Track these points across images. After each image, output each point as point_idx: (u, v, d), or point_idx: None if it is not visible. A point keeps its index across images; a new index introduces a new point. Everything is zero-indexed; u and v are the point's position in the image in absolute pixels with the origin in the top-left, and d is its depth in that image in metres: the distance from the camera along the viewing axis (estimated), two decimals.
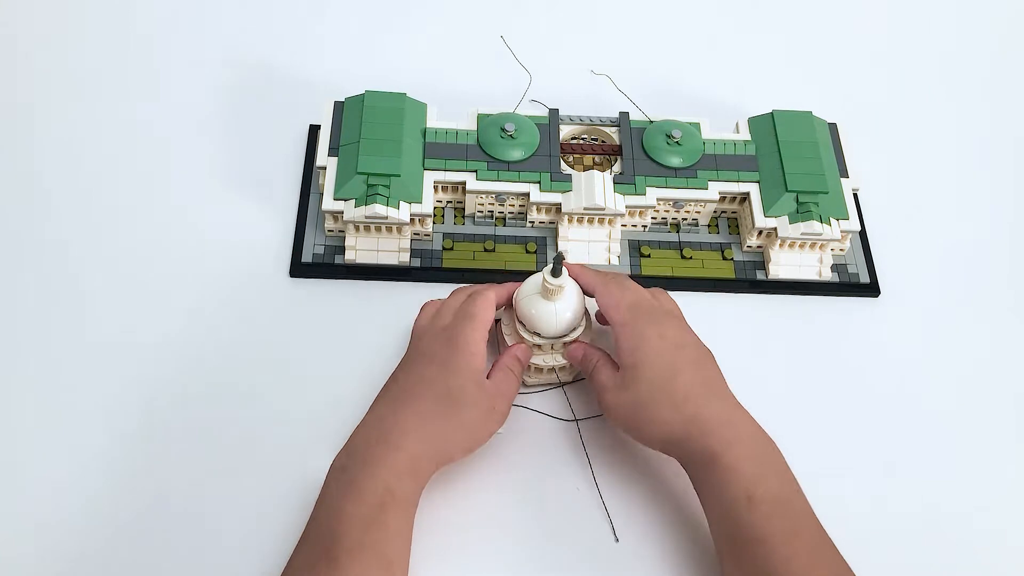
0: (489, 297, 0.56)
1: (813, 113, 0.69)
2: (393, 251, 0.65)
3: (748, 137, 0.69)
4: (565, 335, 0.57)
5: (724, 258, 0.68)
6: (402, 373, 0.54)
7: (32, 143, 0.71)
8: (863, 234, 0.70)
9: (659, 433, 0.52)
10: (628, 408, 0.53)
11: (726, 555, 0.49)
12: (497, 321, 0.61)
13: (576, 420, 0.59)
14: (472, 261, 0.66)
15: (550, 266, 0.54)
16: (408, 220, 0.63)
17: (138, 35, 0.79)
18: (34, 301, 0.63)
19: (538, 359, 0.58)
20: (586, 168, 0.67)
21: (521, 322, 0.57)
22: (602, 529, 0.55)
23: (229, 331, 0.62)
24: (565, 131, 0.69)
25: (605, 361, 0.56)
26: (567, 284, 0.55)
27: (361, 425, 0.52)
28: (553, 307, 0.55)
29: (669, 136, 0.67)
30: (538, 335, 0.57)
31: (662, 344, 0.53)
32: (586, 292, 0.58)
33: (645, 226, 0.68)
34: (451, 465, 0.54)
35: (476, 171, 0.65)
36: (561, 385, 0.61)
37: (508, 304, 0.59)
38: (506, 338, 0.59)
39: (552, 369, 0.59)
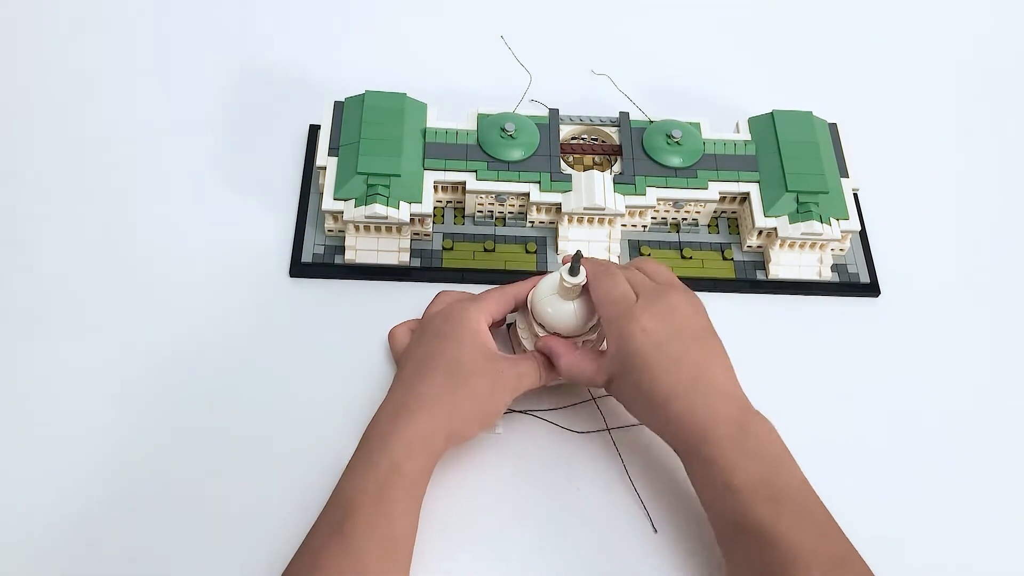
0: (500, 299, 0.57)
1: (813, 113, 0.69)
2: (393, 251, 0.65)
3: (748, 137, 0.69)
4: (585, 332, 0.57)
5: (724, 258, 0.68)
6: (414, 351, 0.56)
7: (32, 142, 0.71)
8: (863, 234, 0.70)
9: (650, 427, 0.54)
10: (625, 402, 0.55)
11: (720, 541, 0.51)
12: (510, 325, 0.61)
13: (607, 425, 0.60)
14: (472, 261, 0.66)
15: (567, 265, 0.54)
16: (408, 220, 0.63)
17: (138, 35, 0.79)
18: (33, 301, 0.63)
19: None
20: (586, 168, 0.67)
21: (540, 324, 0.57)
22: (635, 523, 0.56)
23: (229, 331, 0.62)
24: (565, 131, 0.69)
25: (567, 347, 0.56)
26: (585, 282, 0.55)
27: (382, 403, 0.53)
28: (572, 306, 0.55)
29: (669, 136, 0.67)
30: (559, 335, 0.57)
31: (644, 341, 0.51)
32: None
33: (645, 226, 0.68)
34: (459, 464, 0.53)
35: (476, 171, 0.65)
36: (593, 399, 0.60)
37: (512, 309, 0.59)
38: (523, 341, 0.59)
39: None
